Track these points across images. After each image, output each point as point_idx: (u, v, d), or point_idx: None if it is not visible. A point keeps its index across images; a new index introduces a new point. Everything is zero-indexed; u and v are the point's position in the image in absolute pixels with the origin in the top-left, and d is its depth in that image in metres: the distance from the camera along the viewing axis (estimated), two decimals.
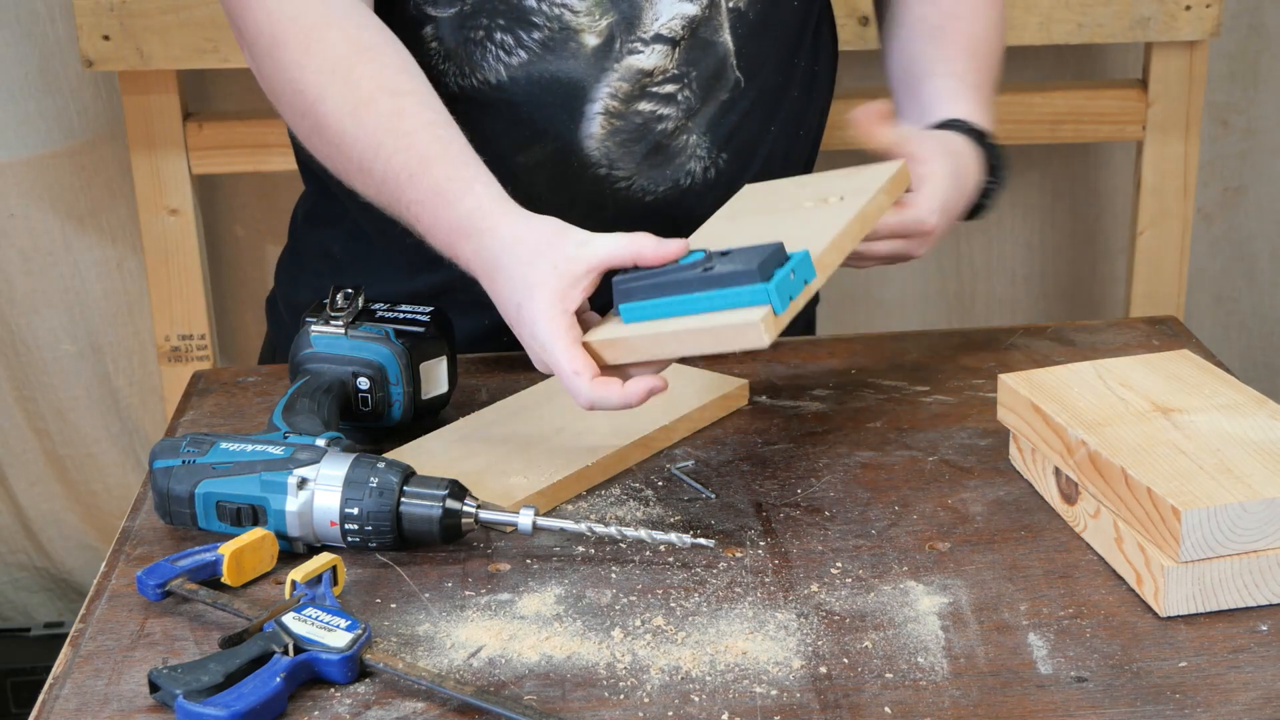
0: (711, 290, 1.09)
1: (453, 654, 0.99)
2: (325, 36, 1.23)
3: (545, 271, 1.11)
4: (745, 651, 0.99)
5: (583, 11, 1.31)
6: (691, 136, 1.37)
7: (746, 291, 1.08)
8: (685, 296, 1.10)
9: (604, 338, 1.11)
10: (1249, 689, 0.94)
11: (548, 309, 1.10)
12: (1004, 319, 2.47)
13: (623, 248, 1.12)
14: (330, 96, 1.22)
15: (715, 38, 1.35)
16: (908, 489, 1.18)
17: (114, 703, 0.96)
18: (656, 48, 1.33)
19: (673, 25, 1.33)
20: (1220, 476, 1.03)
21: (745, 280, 1.08)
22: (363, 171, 1.22)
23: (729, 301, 1.08)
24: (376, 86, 1.21)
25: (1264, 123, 2.39)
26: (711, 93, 1.37)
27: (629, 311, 1.12)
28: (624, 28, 1.32)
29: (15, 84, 2.20)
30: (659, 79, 1.35)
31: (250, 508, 1.09)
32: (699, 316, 1.09)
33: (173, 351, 2.20)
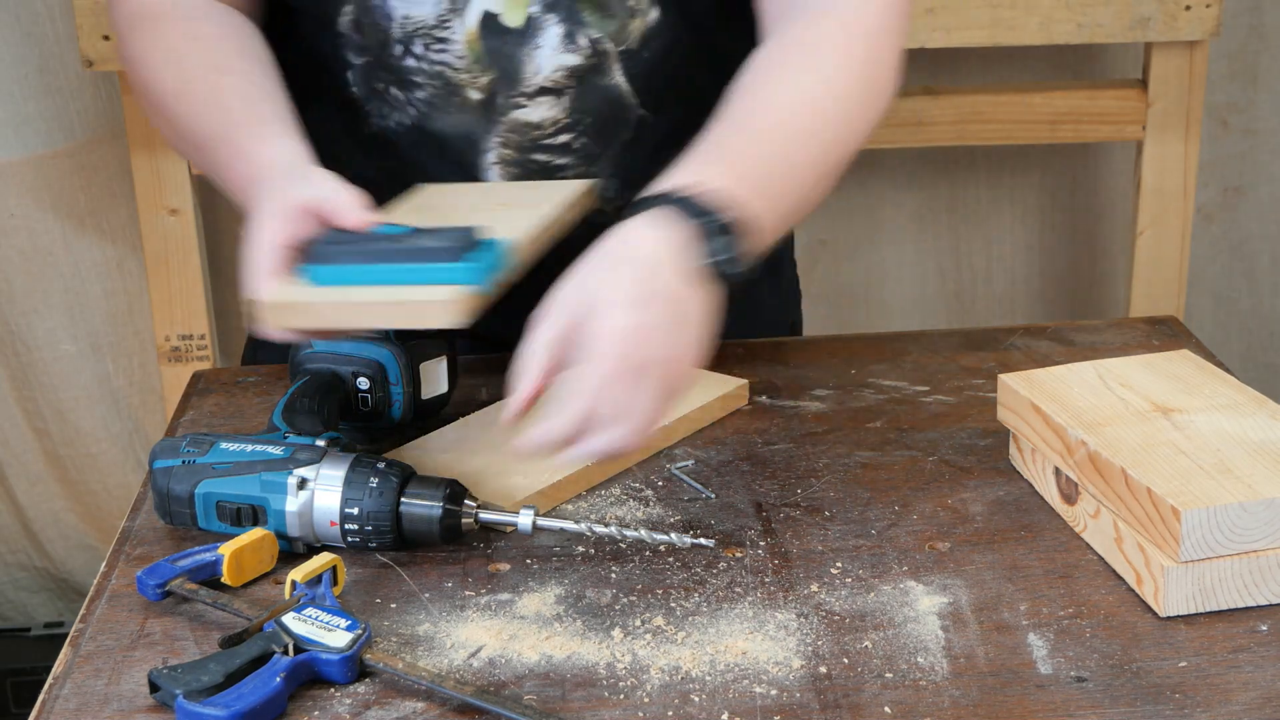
0: (409, 264, 1.06)
1: (453, 654, 0.99)
2: (168, 30, 1.29)
3: (269, 203, 1.12)
4: (745, 651, 0.99)
5: (462, 69, 1.30)
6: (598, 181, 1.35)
7: (445, 269, 1.06)
8: (381, 266, 1.07)
9: (286, 299, 1.08)
10: (1249, 689, 0.94)
11: (259, 236, 1.10)
12: (1004, 319, 2.47)
13: (326, 195, 1.12)
14: (164, 80, 1.27)
15: (607, 82, 1.32)
16: (908, 489, 1.18)
17: (114, 703, 0.96)
18: (542, 100, 1.31)
19: (556, 78, 1.31)
20: (1220, 476, 1.03)
21: (445, 257, 1.06)
22: (194, 148, 1.26)
23: (425, 277, 1.06)
24: (203, 66, 1.26)
25: (1264, 123, 2.39)
26: (612, 136, 1.35)
27: (318, 274, 1.08)
28: (505, 83, 1.30)
29: (15, 84, 2.21)
30: (549, 130, 1.32)
31: (250, 508, 1.09)
32: (391, 289, 1.07)
33: (173, 351, 2.20)
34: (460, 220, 1.15)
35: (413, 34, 1.29)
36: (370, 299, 1.06)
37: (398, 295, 1.06)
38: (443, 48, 1.29)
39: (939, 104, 2.19)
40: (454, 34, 1.29)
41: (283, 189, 1.13)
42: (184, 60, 1.27)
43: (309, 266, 1.09)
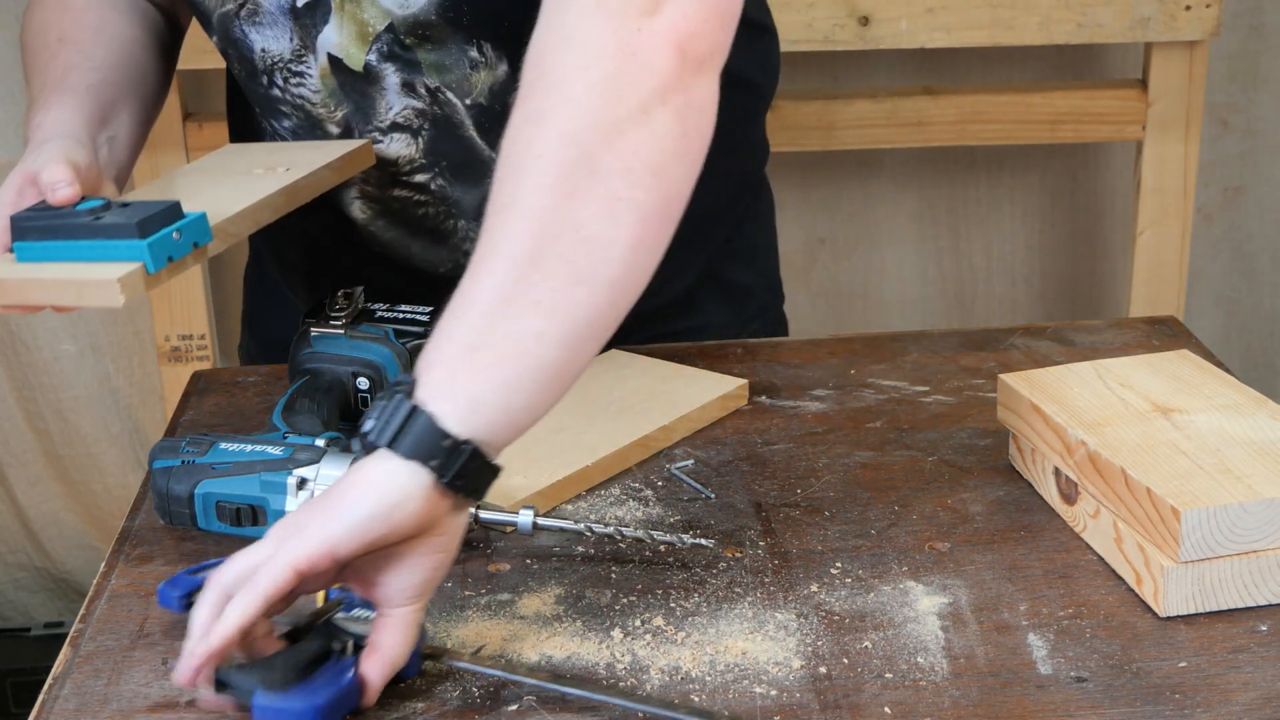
0: (92, 240, 1.08)
1: None
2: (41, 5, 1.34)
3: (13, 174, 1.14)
4: (745, 651, 0.99)
5: (319, 102, 1.30)
6: (460, 221, 1.33)
7: (124, 246, 1.07)
8: (70, 243, 1.09)
9: None
10: (1249, 689, 0.94)
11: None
12: (1004, 319, 2.47)
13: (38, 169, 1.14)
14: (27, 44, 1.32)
15: (459, 132, 1.29)
16: (908, 489, 1.18)
17: (114, 703, 0.96)
18: (396, 136, 1.29)
19: (406, 115, 1.29)
20: (1220, 476, 1.03)
21: (124, 234, 1.07)
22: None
23: (105, 254, 1.07)
24: (57, 37, 1.29)
25: (1264, 123, 2.39)
26: (470, 182, 1.31)
27: (22, 250, 1.11)
28: (360, 118, 1.29)
29: (15, 84, 2.20)
30: (405, 168, 1.31)
31: (250, 508, 1.09)
32: (66, 266, 1.08)
33: (173, 351, 2.20)
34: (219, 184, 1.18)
35: (273, 66, 1.29)
36: (45, 276, 1.08)
37: (66, 273, 1.07)
38: (300, 81, 1.30)
39: (939, 104, 2.19)
40: (309, 69, 1.28)
41: (24, 160, 1.16)
42: (43, 27, 1.31)
43: (15, 243, 1.11)
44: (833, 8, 2.09)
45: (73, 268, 1.08)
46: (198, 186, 1.22)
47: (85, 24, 1.31)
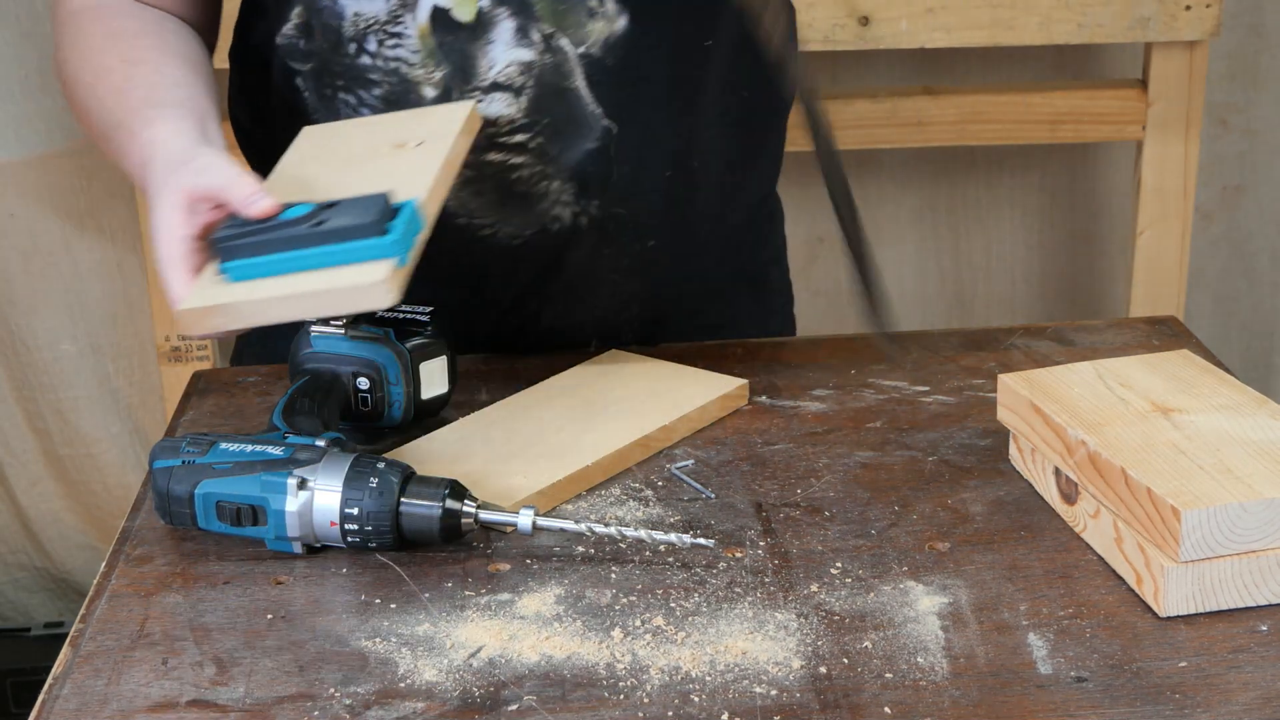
0: (325, 245, 1.03)
1: (453, 654, 0.99)
2: (90, 28, 1.30)
3: (167, 194, 1.11)
4: (745, 651, 0.99)
5: (417, 64, 1.29)
6: (553, 183, 1.33)
7: (365, 246, 1.02)
8: (296, 253, 1.03)
9: (206, 303, 1.04)
10: (1249, 689, 0.94)
11: (167, 231, 1.09)
12: (1003, 318, 2.47)
13: (220, 185, 1.10)
14: (81, 78, 1.28)
15: (567, 85, 1.30)
16: (908, 489, 1.18)
17: (114, 703, 0.96)
18: (496, 96, 1.29)
19: (509, 73, 1.28)
20: (1220, 476, 1.03)
21: (362, 234, 1.02)
22: (103, 139, 1.25)
23: (346, 257, 1.02)
24: (118, 59, 1.26)
25: (1263, 122, 2.39)
26: (572, 140, 1.32)
27: (236, 270, 1.04)
28: (459, 78, 1.29)
29: (15, 84, 2.21)
30: (505, 128, 1.30)
31: (250, 508, 1.09)
32: (314, 276, 1.03)
33: (173, 351, 2.20)
34: (358, 169, 1.11)
35: (365, 31, 1.28)
36: (293, 291, 1.03)
37: (321, 283, 1.02)
38: (396, 43, 1.28)
39: (939, 104, 2.19)
40: (407, 29, 1.27)
41: (176, 177, 1.12)
42: (100, 54, 1.28)
43: (223, 264, 1.06)
44: (833, 8, 2.09)
45: (321, 277, 1.02)
46: (342, 176, 1.15)
47: (147, 45, 1.29)
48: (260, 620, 1.03)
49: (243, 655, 1.00)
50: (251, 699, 0.95)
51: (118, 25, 1.30)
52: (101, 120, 1.25)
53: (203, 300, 1.05)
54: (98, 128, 1.26)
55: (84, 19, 1.31)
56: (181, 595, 1.07)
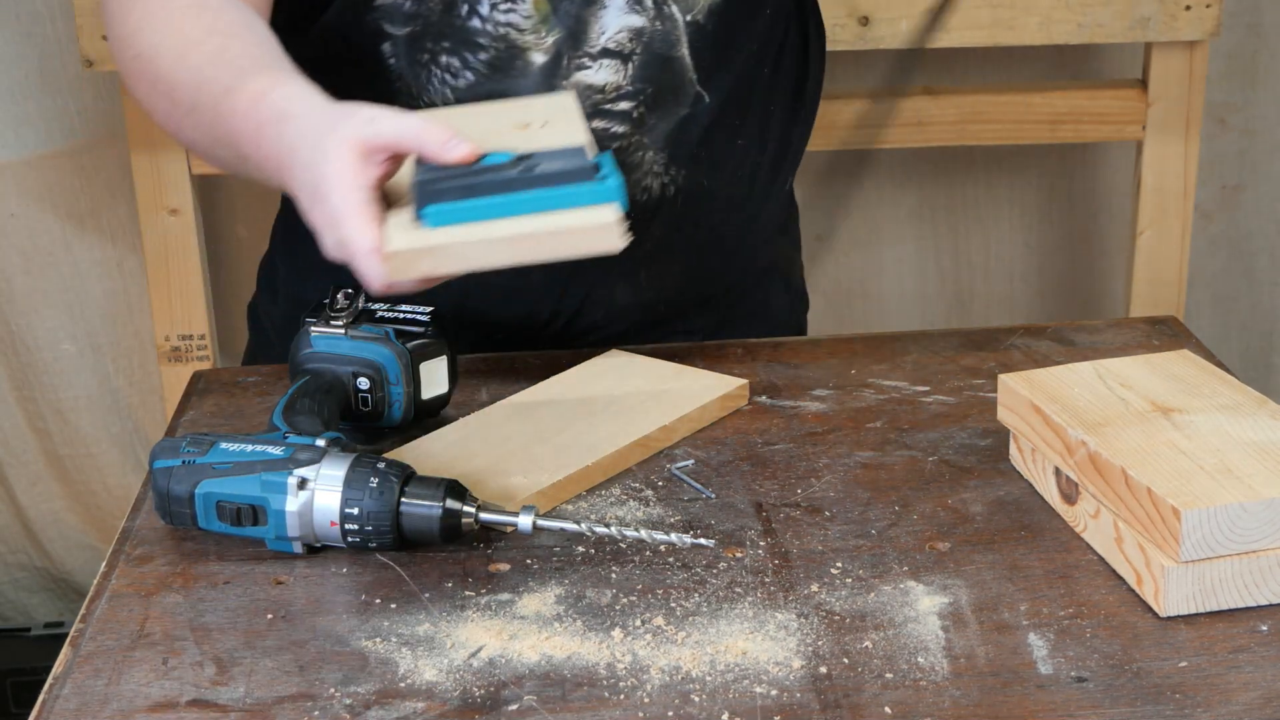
0: (540, 189, 0.99)
1: (453, 654, 0.99)
2: (166, 2, 1.24)
3: (334, 145, 1.06)
4: (745, 651, 0.99)
5: (529, 30, 1.29)
6: (647, 153, 1.35)
7: (582, 191, 0.98)
8: (508, 197, 0.99)
9: (419, 245, 1.00)
10: (1249, 689, 0.94)
11: (341, 181, 1.05)
12: (1001, 317, 2.47)
13: (410, 132, 1.06)
14: (163, 49, 1.22)
15: (673, 53, 1.32)
16: (908, 489, 1.18)
17: (114, 703, 0.96)
18: (605, 63, 1.31)
19: (620, 39, 1.30)
20: (1220, 476, 1.03)
21: (578, 178, 0.98)
22: (192, 110, 1.20)
23: (562, 202, 0.99)
24: (206, 30, 1.21)
25: (1262, 121, 2.39)
26: (668, 108, 1.35)
27: (436, 214, 1.00)
28: (570, 43, 1.30)
29: (15, 84, 2.21)
30: (611, 95, 1.32)
31: (250, 508, 1.09)
32: (536, 219, 0.99)
33: (173, 351, 2.20)
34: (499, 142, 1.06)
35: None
36: (516, 232, 0.98)
37: (547, 225, 0.97)
38: (510, 7, 1.28)
39: (939, 104, 2.19)
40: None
41: (341, 128, 1.07)
42: (185, 27, 1.23)
43: (425, 208, 1.00)
44: (833, 8, 2.09)
45: (544, 220, 0.97)
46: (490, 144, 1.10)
47: (233, 19, 1.23)
48: (260, 620, 1.03)
49: (243, 655, 1.00)
50: (251, 699, 0.95)
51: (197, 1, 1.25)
52: (197, 89, 1.19)
53: (415, 242, 1.00)
54: (187, 97, 1.20)
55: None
56: (181, 595, 1.07)
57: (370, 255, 1.04)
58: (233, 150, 1.18)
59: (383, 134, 1.06)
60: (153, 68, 1.23)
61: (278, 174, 1.13)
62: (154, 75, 1.23)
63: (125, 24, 1.27)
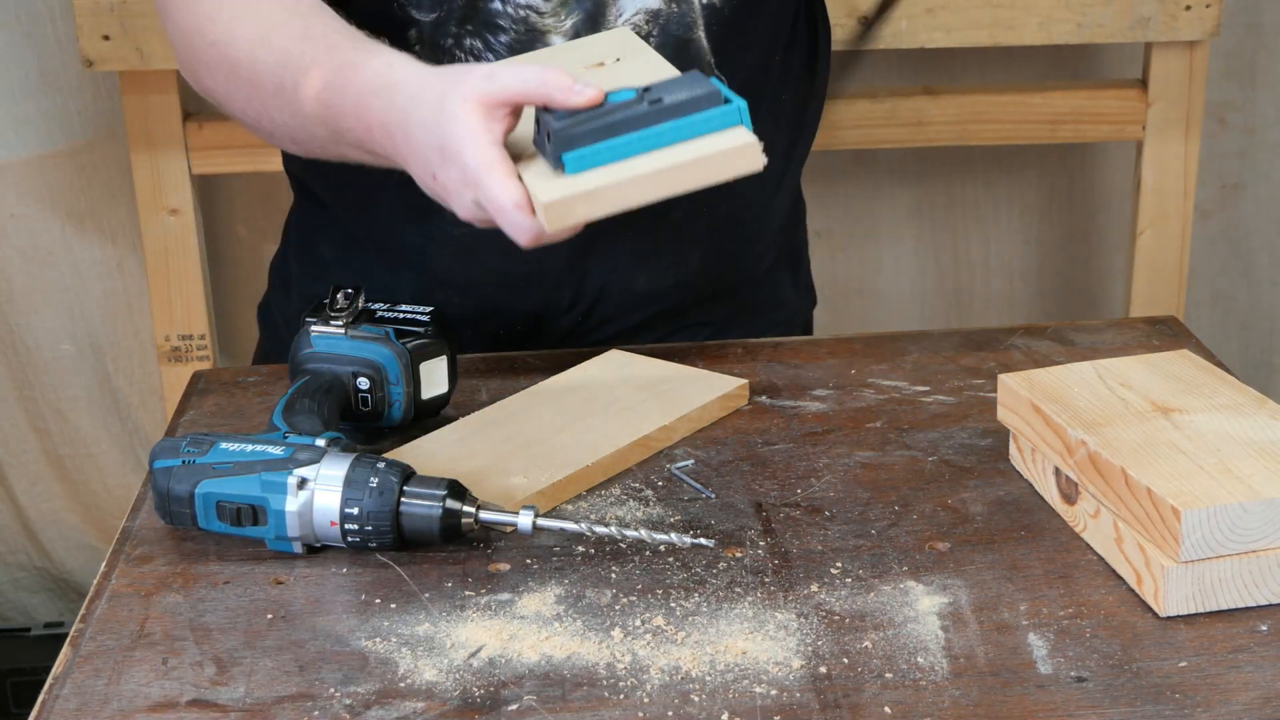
0: (673, 120, 1.00)
1: (453, 654, 0.99)
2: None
3: (458, 104, 1.05)
4: (745, 651, 0.99)
5: (548, 12, 1.30)
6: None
7: (712, 116, 0.99)
8: (644, 133, 1.00)
9: (572, 192, 1.00)
10: (1249, 689, 0.94)
11: (474, 139, 1.04)
12: (1000, 316, 2.47)
13: (533, 81, 1.05)
14: (241, 35, 1.21)
15: (689, 35, 1.33)
16: (908, 489, 1.18)
17: (114, 703, 0.96)
18: None
19: (636, 21, 1.31)
20: (1220, 476, 1.03)
21: (707, 105, 1.00)
22: (278, 91, 1.19)
23: (695, 130, 1.00)
24: (286, 12, 1.20)
25: (1261, 120, 2.39)
26: None
27: (577, 159, 1.00)
28: (589, 25, 1.30)
29: (15, 84, 2.21)
30: None
31: (250, 508, 1.09)
32: (676, 150, 0.99)
33: (173, 351, 2.20)
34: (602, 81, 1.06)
35: None
36: (662, 165, 0.98)
37: (690, 153, 0.98)
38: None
39: (939, 104, 2.19)
40: None
41: (459, 89, 1.06)
42: (261, 11, 1.21)
43: (564, 154, 1.00)
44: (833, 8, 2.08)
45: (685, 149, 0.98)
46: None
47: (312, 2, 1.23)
48: (260, 620, 1.03)
49: (243, 655, 1.00)
50: (251, 699, 0.95)
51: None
52: (282, 68, 1.18)
53: (567, 190, 1.00)
54: (272, 79, 1.19)
55: None
56: (181, 595, 1.07)
57: (518, 210, 1.03)
58: (326, 128, 1.17)
59: (509, 87, 1.05)
60: (231, 54, 1.22)
61: (387, 143, 1.12)
62: (233, 62, 1.22)
63: (196, 13, 1.25)
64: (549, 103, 1.05)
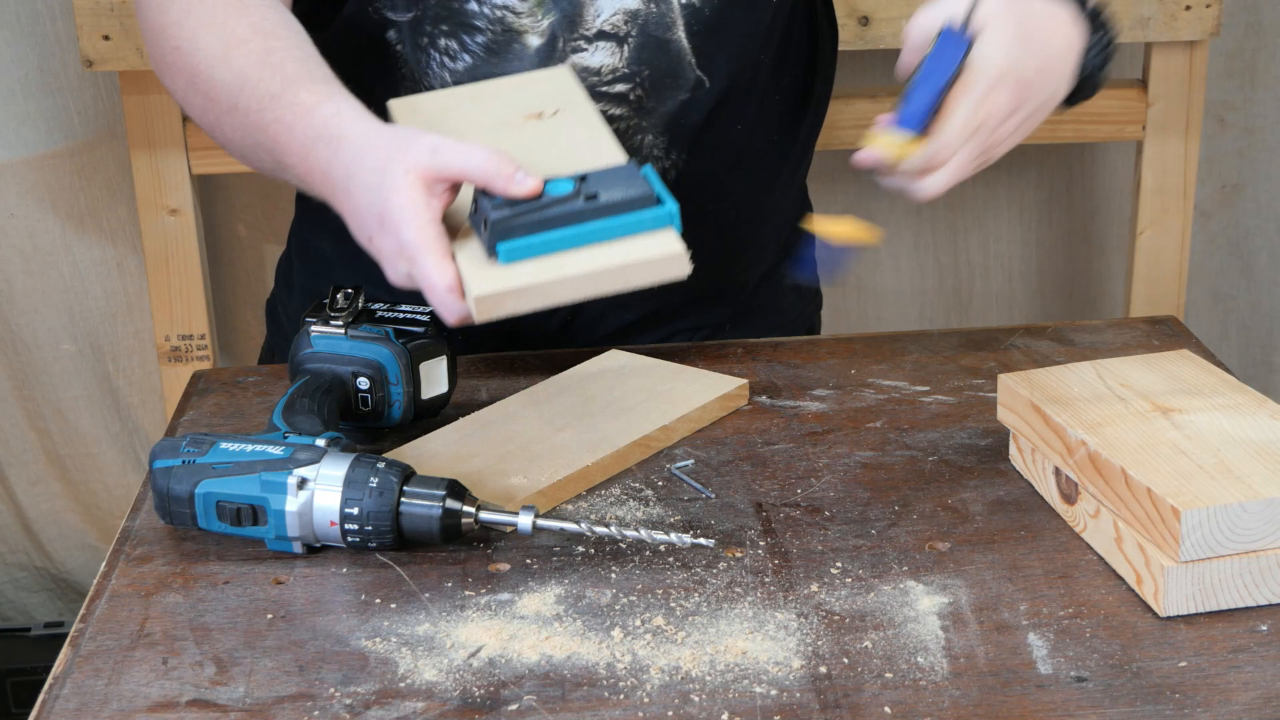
0: (606, 219, 1.01)
1: (453, 654, 0.99)
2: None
3: (400, 175, 1.05)
4: (745, 651, 0.99)
5: (524, 12, 1.29)
6: (647, 136, 1.36)
7: (644, 217, 1.01)
8: (577, 228, 1.01)
9: (503, 287, 1.01)
10: (1249, 689, 0.94)
11: (414, 214, 1.04)
12: (1000, 315, 2.47)
13: (478, 164, 1.05)
14: (204, 45, 1.20)
15: (668, 35, 1.33)
16: (908, 489, 1.18)
17: (114, 703, 0.96)
18: (601, 45, 1.31)
19: (615, 21, 1.31)
20: (1220, 476, 1.03)
21: (639, 205, 1.01)
22: (231, 110, 1.18)
23: (626, 229, 1.01)
24: (251, 30, 1.20)
25: (1261, 120, 2.39)
26: (667, 92, 1.35)
27: (509, 251, 1.01)
28: (566, 26, 1.30)
29: (15, 84, 2.21)
30: (607, 78, 1.32)
31: (250, 508, 1.09)
32: (605, 251, 1.01)
33: (173, 351, 2.20)
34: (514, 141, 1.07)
35: None
36: (591, 268, 1.00)
37: (618, 258, 1.00)
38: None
39: None
40: None
41: (403, 157, 1.06)
42: (229, 24, 1.21)
43: (500, 243, 1.01)
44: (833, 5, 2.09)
45: (614, 252, 1.00)
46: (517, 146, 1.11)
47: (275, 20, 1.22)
48: (260, 620, 1.03)
49: (243, 655, 1.00)
50: (251, 699, 0.95)
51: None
52: (238, 90, 1.18)
53: (498, 285, 1.01)
54: (227, 97, 1.19)
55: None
56: (181, 595, 1.07)
57: (449, 293, 1.04)
58: (272, 157, 1.17)
59: (450, 164, 1.06)
60: (192, 63, 1.22)
61: (327, 192, 1.13)
62: (193, 71, 1.22)
63: (165, 15, 1.25)
64: (490, 188, 1.06)
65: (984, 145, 1.14)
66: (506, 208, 1.03)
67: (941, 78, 1.08)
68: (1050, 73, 1.16)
